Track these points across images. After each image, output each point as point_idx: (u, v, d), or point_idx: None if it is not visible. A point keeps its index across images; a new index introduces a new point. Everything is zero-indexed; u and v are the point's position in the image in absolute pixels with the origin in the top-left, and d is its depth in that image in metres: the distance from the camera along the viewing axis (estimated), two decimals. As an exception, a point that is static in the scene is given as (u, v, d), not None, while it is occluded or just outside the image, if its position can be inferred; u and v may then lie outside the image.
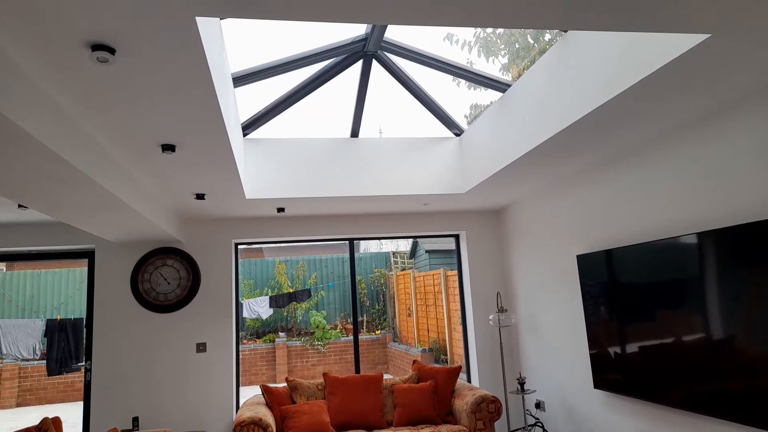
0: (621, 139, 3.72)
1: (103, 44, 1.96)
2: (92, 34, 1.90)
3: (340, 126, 5.11)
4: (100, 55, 1.98)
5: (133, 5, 1.72)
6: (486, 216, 6.36)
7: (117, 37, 1.92)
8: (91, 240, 5.36)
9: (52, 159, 2.52)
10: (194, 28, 1.88)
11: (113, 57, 2.02)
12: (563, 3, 1.93)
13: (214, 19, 2.56)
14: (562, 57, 3.41)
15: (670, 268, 3.46)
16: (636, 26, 2.20)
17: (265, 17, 1.85)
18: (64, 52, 2.01)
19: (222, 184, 4.20)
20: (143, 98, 2.47)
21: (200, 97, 2.49)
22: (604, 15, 2.06)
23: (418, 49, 4.11)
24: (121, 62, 2.11)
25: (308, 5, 1.82)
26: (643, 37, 2.65)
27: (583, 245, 4.58)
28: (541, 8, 1.96)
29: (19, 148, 2.36)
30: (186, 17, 1.81)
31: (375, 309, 11.87)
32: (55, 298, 10.41)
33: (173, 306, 5.43)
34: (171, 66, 2.17)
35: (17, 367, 9.41)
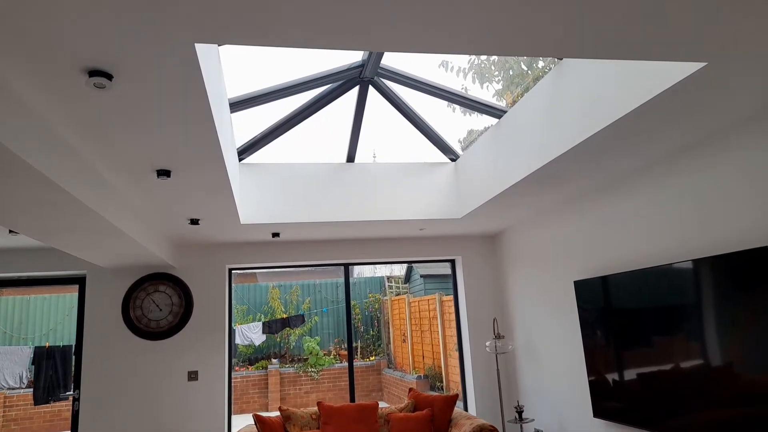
0: (616, 165, 3.74)
1: (100, 70, 1.95)
2: (89, 60, 1.88)
3: (336, 151, 5.12)
4: (98, 81, 1.97)
5: (132, 31, 1.71)
6: (482, 241, 6.34)
7: (115, 62, 1.91)
8: (82, 266, 5.28)
9: (45, 184, 2.48)
10: (193, 54, 1.87)
11: (110, 83, 2.01)
12: (558, 31, 1.95)
13: (212, 45, 2.56)
14: (557, 84, 3.44)
15: (667, 295, 3.44)
16: (631, 54, 2.21)
17: (263, 44, 1.85)
18: (61, 77, 1.99)
19: (217, 210, 4.17)
20: (140, 123, 2.45)
21: (197, 123, 2.48)
22: (599, 43, 2.07)
23: (414, 76, 4.14)
24: (119, 88, 2.10)
25: (306, 33, 1.82)
26: (640, 63, 2.67)
27: (580, 271, 4.56)
28: (537, 36, 1.98)
29: (11, 173, 2.33)
30: (185, 44, 1.81)
31: (369, 335, 11.73)
32: (43, 324, 10.21)
33: (165, 333, 5.33)
34: (169, 91, 2.15)
35: (2, 396, 9.17)
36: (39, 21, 1.63)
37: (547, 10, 1.79)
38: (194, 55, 1.87)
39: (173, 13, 1.63)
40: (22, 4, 1.55)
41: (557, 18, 1.85)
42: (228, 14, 1.66)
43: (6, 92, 2.02)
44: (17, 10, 1.57)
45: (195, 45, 1.84)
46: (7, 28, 1.67)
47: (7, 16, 1.60)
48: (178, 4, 1.58)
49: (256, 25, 1.72)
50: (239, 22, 1.71)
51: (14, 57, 1.84)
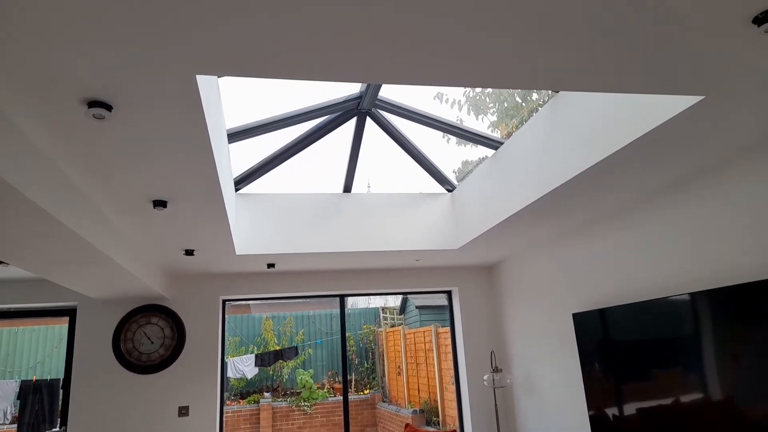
0: (614, 198, 3.74)
1: (99, 101, 1.94)
2: (89, 90, 1.87)
3: (333, 181, 5.11)
4: (97, 112, 1.96)
5: (133, 62, 1.71)
6: (479, 272, 6.30)
7: (114, 93, 1.90)
8: (73, 297, 5.19)
9: (39, 215, 2.44)
10: (194, 86, 1.87)
11: (110, 114, 2.00)
12: (553, 64, 1.96)
13: (212, 77, 2.57)
14: (554, 115, 3.47)
15: (668, 328, 3.40)
16: (628, 87, 2.23)
17: (265, 76, 1.85)
18: (59, 107, 1.98)
19: (213, 240, 4.12)
20: (138, 154, 2.44)
21: (196, 155, 2.46)
22: (597, 77, 2.09)
23: (411, 107, 4.17)
24: (118, 119, 2.08)
25: (306, 66, 1.82)
26: (637, 96, 2.70)
27: (579, 303, 4.52)
28: (532, 70, 1.99)
29: (4, 203, 2.29)
30: (186, 76, 1.80)
31: (364, 367, 11.53)
32: (31, 357, 9.98)
33: (156, 367, 5.20)
34: (168, 123, 2.14)
35: (-16, 432, 8.88)
36: (38, 51, 1.63)
37: (545, 44, 1.80)
38: (195, 86, 1.86)
39: (174, 45, 1.63)
40: (22, 35, 1.54)
41: (555, 52, 1.86)
42: (229, 47, 1.66)
43: (2, 122, 2.00)
44: (17, 40, 1.57)
45: (196, 77, 1.83)
46: (5, 58, 1.66)
47: (7, 46, 1.59)
48: (179, 36, 1.58)
49: (257, 57, 1.73)
50: (240, 55, 1.71)
51: (12, 86, 1.83)
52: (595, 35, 1.77)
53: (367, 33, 1.64)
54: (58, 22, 1.48)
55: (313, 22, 1.57)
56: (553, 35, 1.75)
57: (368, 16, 1.56)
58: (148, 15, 1.47)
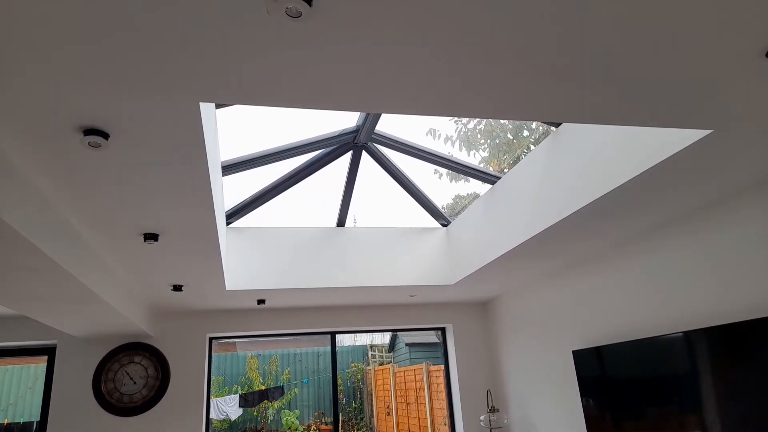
0: (612, 234, 3.71)
1: (96, 128, 1.85)
2: (85, 118, 1.79)
3: (326, 215, 5.03)
4: (93, 140, 1.87)
5: (131, 88, 1.64)
6: (474, 308, 6.19)
7: (112, 121, 1.82)
8: (53, 335, 4.96)
9: (24, 246, 2.32)
10: (197, 114, 1.80)
11: (106, 142, 1.91)
12: (559, 96, 1.93)
13: (210, 107, 2.50)
14: (554, 150, 3.45)
15: (669, 366, 3.32)
16: (633, 121, 2.21)
17: (266, 104, 1.78)
18: (51, 135, 1.89)
19: (203, 275, 3.99)
20: (132, 185, 2.34)
21: (194, 187, 2.37)
22: (601, 109, 2.06)
23: (409, 141, 4.14)
24: (113, 148, 2.00)
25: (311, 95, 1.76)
26: (641, 130, 2.68)
27: (578, 340, 4.42)
28: (537, 102, 1.95)
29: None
30: (189, 103, 1.73)
31: (352, 407, 11.20)
32: (3, 398, 9.52)
33: (138, 408, 4.96)
34: (168, 152, 2.06)
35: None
36: (29, 76, 1.55)
37: (548, 75, 1.77)
38: (198, 114, 1.79)
39: (174, 71, 1.56)
40: (13, 59, 1.47)
41: (558, 83, 1.83)
42: (228, 74, 1.60)
43: (-8, 150, 1.91)
44: (6, 64, 1.49)
45: (199, 104, 1.76)
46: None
47: (3, 70, 1.51)
48: (182, 61, 1.51)
49: (258, 84, 1.66)
50: (243, 82, 1.65)
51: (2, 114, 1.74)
52: (599, 65, 1.74)
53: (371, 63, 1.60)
54: (50, 44, 1.41)
55: (321, 51, 1.52)
56: (555, 66, 1.72)
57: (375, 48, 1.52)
58: (148, 40, 1.41)
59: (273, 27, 1.40)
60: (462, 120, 5.47)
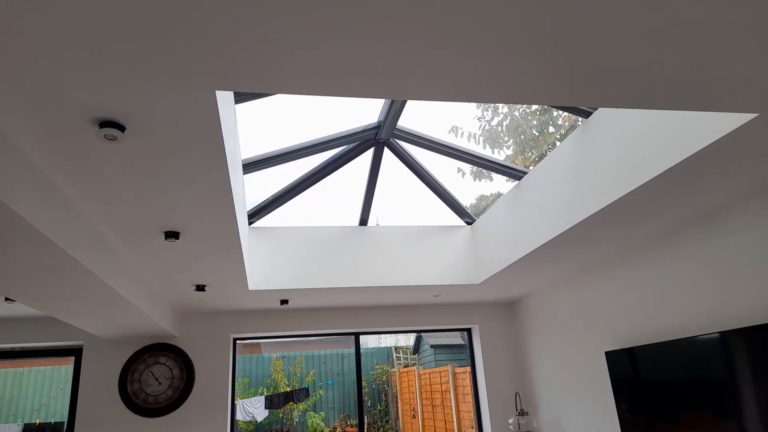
0: (645, 229, 3.55)
1: (112, 120, 1.81)
2: (100, 109, 1.75)
3: (349, 214, 4.96)
4: (108, 132, 1.83)
5: (147, 78, 1.59)
6: (501, 309, 6.05)
7: (127, 112, 1.77)
8: (79, 336, 5.00)
9: (46, 245, 2.30)
10: (213, 103, 1.74)
11: (122, 135, 1.87)
12: (595, 79, 1.82)
13: (229, 103, 2.46)
14: (583, 143, 3.32)
15: (712, 368, 3.15)
16: (672, 104, 2.08)
17: (284, 91, 1.72)
18: (67, 128, 1.85)
19: (225, 275, 3.96)
20: (151, 180, 2.30)
21: (213, 181, 2.32)
22: (639, 92, 1.94)
23: (431, 137, 4.05)
24: (130, 141, 1.96)
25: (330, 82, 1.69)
26: (675, 119, 2.54)
27: (610, 341, 4.26)
28: (572, 86, 1.85)
29: (9, 233, 2.15)
30: (205, 91, 1.68)
31: (377, 409, 11.11)
32: (36, 399, 9.70)
33: (163, 410, 4.96)
34: (185, 143, 2.01)
35: (-15, 479, 8.54)
36: (44, 67, 1.51)
37: (583, 57, 1.66)
38: (214, 103, 1.74)
39: (189, 59, 1.50)
40: (27, 49, 1.43)
41: (594, 65, 1.72)
42: (246, 60, 1.53)
43: (6, 144, 1.88)
44: (22, 59, 1.45)
45: (216, 93, 1.71)
46: (9, 77, 1.55)
47: (12, 64, 1.48)
48: (193, 49, 1.46)
49: (276, 70, 1.60)
50: (260, 69, 1.58)
51: (15, 105, 1.71)
52: (639, 46, 1.63)
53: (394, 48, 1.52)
54: (63, 32, 1.36)
55: (336, 35, 1.44)
56: (592, 47, 1.61)
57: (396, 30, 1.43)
58: (162, 26, 1.35)
59: (286, 10, 1.33)
60: (486, 117, 5.35)
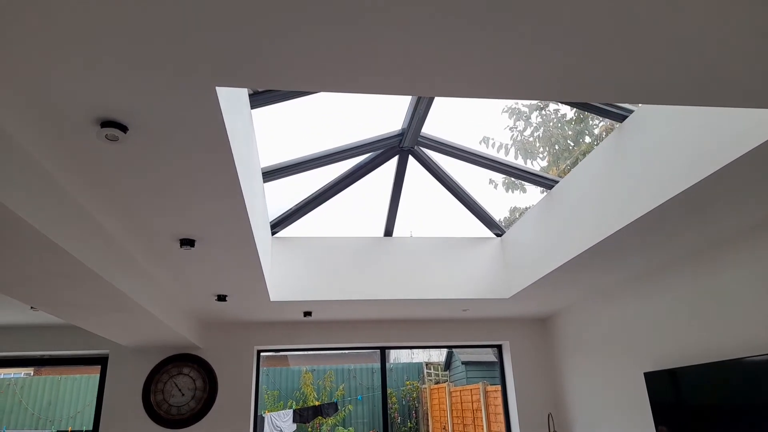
0: (687, 240, 3.30)
1: (113, 120, 1.75)
2: (101, 108, 1.69)
3: (373, 224, 4.85)
4: (110, 133, 1.77)
5: (146, 75, 1.52)
6: (532, 325, 5.80)
7: (128, 112, 1.71)
8: (106, 345, 5.01)
9: (56, 252, 2.26)
10: (214, 100, 1.66)
11: (125, 135, 1.81)
12: (637, 74, 1.66)
13: (243, 106, 2.39)
14: (619, 148, 3.12)
15: (762, 392, 2.87)
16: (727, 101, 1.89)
17: (289, 87, 1.62)
18: (71, 129, 1.80)
19: (245, 285, 3.88)
20: (159, 185, 2.24)
21: (222, 184, 2.24)
22: (689, 87, 1.76)
23: (457, 144, 3.91)
24: (134, 142, 1.89)
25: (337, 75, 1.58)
26: (719, 121, 2.34)
27: (650, 361, 3.98)
28: (616, 82, 1.69)
29: (19, 240, 2.12)
30: (205, 88, 1.60)
31: (407, 426, 10.87)
32: (72, 406, 9.88)
33: (186, 421, 4.90)
34: (190, 147, 1.94)
35: (21, 484, 8.70)
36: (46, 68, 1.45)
37: (629, 49, 1.50)
38: (215, 100, 1.65)
39: (190, 55, 1.42)
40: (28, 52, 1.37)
41: (639, 60, 1.56)
42: (251, 54, 1.44)
43: (15, 152, 1.84)
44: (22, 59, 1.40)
45: (216, 89, 1.62)
46: (11, 78, 1.50)
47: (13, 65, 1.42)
48: (195, 44, 1.37)
49: (283, 65, 1.50)
50: (263, 64, 1.49)
51: (20, 109, 1.67)
52: (688, 38, 1.47)
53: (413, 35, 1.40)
54: (59, 30, 1.30)
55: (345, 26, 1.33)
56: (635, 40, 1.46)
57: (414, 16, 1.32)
58: (159, 21, 1.27)
59: None
60: (517, 127, 5.18)
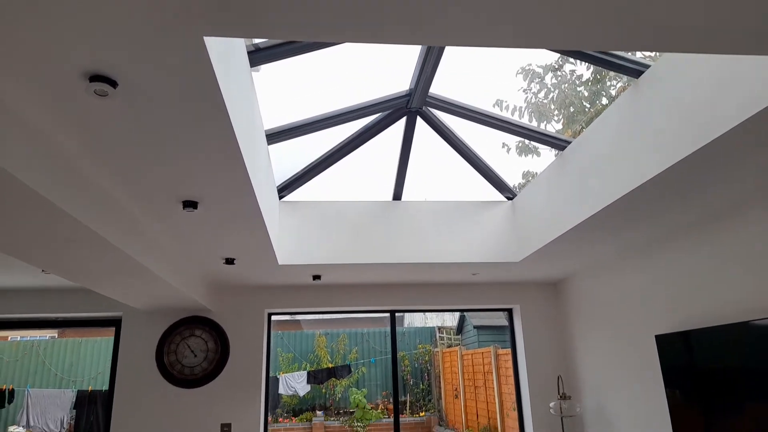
0: (703, 201, 3.18)
1: (101, 75, 1.69)
2: (89, 63, 1.63)
3: (382, 188, 4.78)
4: (99, 88, 1.71)
5: (132, 27, 1.45)
6: (543, 289, 5.75)
7: (115, 65, 1.64)
8: (118, 307, 5.09)
9: (56, 214, 2.24)
10: (203, 51, 1.58)
11: (114, 91, 1.75)
12: (660, 22, 1.54)
13: (242, 66, 2.31)
14: (634, 106, 2.99)
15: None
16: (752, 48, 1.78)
17: (280, 36, 1.54)
18: (61, 85, 1.75)
19: (252, 248, 3.87)
20: (156, 144, 2.19)
21: (219, 141, 2.18)
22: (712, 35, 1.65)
23: (466, 104, 3.79)
24: (124, 99, 1.83)
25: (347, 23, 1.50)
26: (738, 75, 2.21)
27: (662, 324, 3.93)
28: (636, 27, 1.58)
29: (18, 203, 2.09)
30: (193, 37, 1.52)
31: (419, 388, 11.04)
32: (93, 368, 10.19)
33: (198, 381, 5.00)
34: (183, 104, 1.87)
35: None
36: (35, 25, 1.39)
37: None
38: (204, 51, 1.58)
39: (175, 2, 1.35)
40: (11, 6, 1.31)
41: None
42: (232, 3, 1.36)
43: (10, 114, 1.80)
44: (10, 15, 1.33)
45: (205, 40, 1.55)
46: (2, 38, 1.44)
47: None
48: (176, -20, 1.30)
49: (277, 12, 1.42)
50: (255, 10, 1.41)
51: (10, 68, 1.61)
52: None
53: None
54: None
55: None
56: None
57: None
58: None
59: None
60: (532, 89, 5.02)
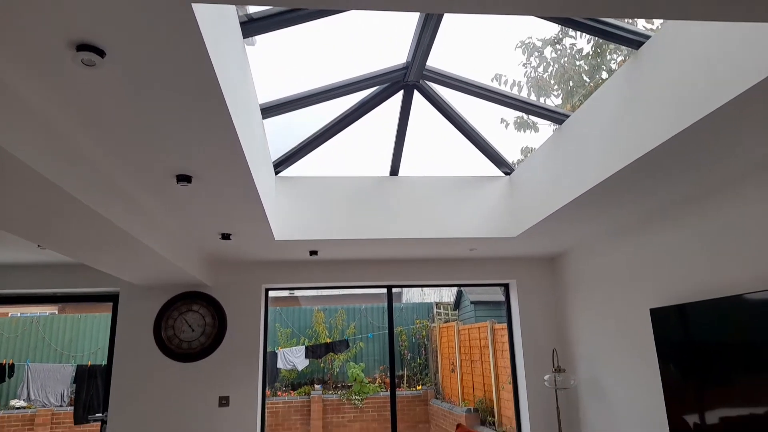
0: (700, 175, 3.16)
1: (88, 44, 1.65)
2: (76, 31, 1.59)
3: (379, 163, 4.75)
4: (86, 57, 1.67)
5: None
6: (540, 264, 5.77)
7: (101, 34, 1.60)
8: (116, 283, 5.09)
9: (47, 188, 2.22)
10: (191, 17, 1.54)
11: (102, 60, 1.71)
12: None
13: (234, 36, 2.26)
14: (633, 78, 2.95)
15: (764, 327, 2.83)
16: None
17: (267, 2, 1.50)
18: (47, 55, 1.70)
19: (247, 223, 3.86)
20: (147, 116, 2.15)
21: (211, 113, 2.15)
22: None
23: (464, 77, 3.74)
24: (113, 68, 1.79)
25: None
26: (739, 45, 2.17)
27: (656, 297, 3.95)
28: None
29: (9, 176, 2.07)
30: (180, 3, 1.48)
31: (416, 363, 11.18)
32: (92, 343, 10.28)
33: (196, 355, 5.04)
34: (171, 75, 1.83)
35: (50, 412, 9.16)
36: None
37: None
38: (192, 17, 1.54)
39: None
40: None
41: None
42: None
43: None
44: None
45: (193, 6, 1.51)
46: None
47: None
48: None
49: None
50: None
51: None
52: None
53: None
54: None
55: None
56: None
57: None
58: None
59: None
60: (531, 63, 4.96)
